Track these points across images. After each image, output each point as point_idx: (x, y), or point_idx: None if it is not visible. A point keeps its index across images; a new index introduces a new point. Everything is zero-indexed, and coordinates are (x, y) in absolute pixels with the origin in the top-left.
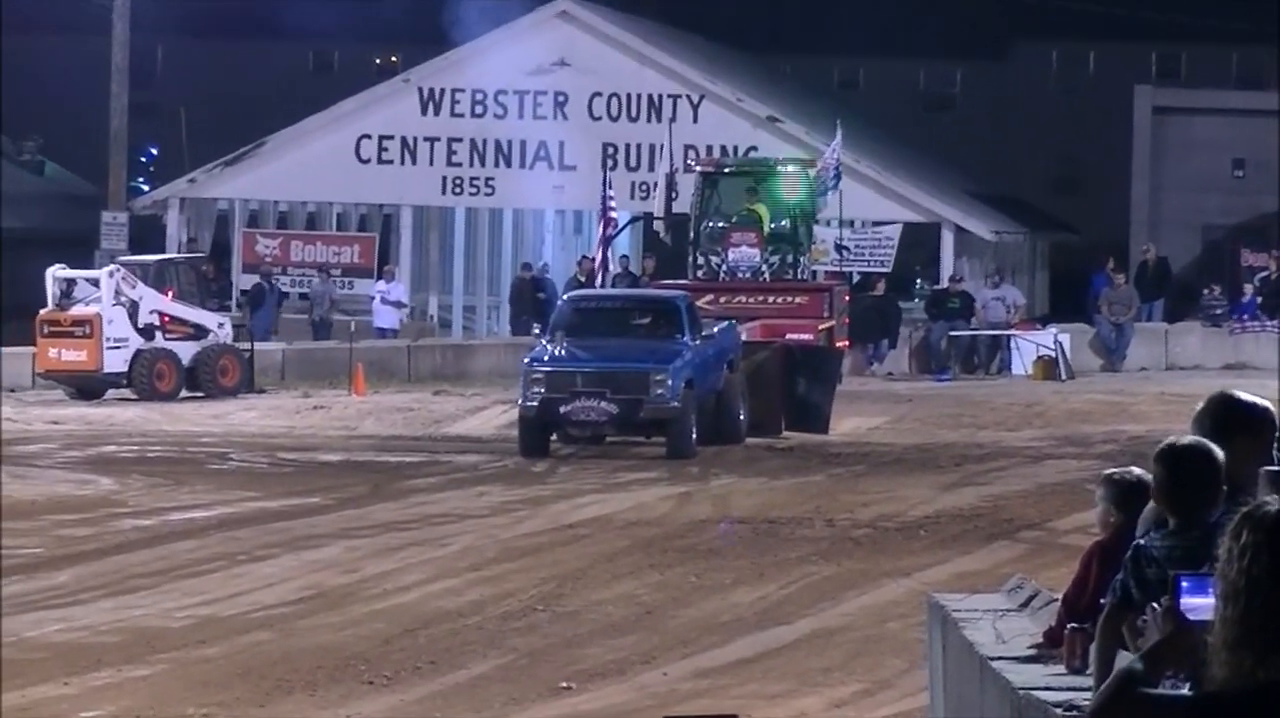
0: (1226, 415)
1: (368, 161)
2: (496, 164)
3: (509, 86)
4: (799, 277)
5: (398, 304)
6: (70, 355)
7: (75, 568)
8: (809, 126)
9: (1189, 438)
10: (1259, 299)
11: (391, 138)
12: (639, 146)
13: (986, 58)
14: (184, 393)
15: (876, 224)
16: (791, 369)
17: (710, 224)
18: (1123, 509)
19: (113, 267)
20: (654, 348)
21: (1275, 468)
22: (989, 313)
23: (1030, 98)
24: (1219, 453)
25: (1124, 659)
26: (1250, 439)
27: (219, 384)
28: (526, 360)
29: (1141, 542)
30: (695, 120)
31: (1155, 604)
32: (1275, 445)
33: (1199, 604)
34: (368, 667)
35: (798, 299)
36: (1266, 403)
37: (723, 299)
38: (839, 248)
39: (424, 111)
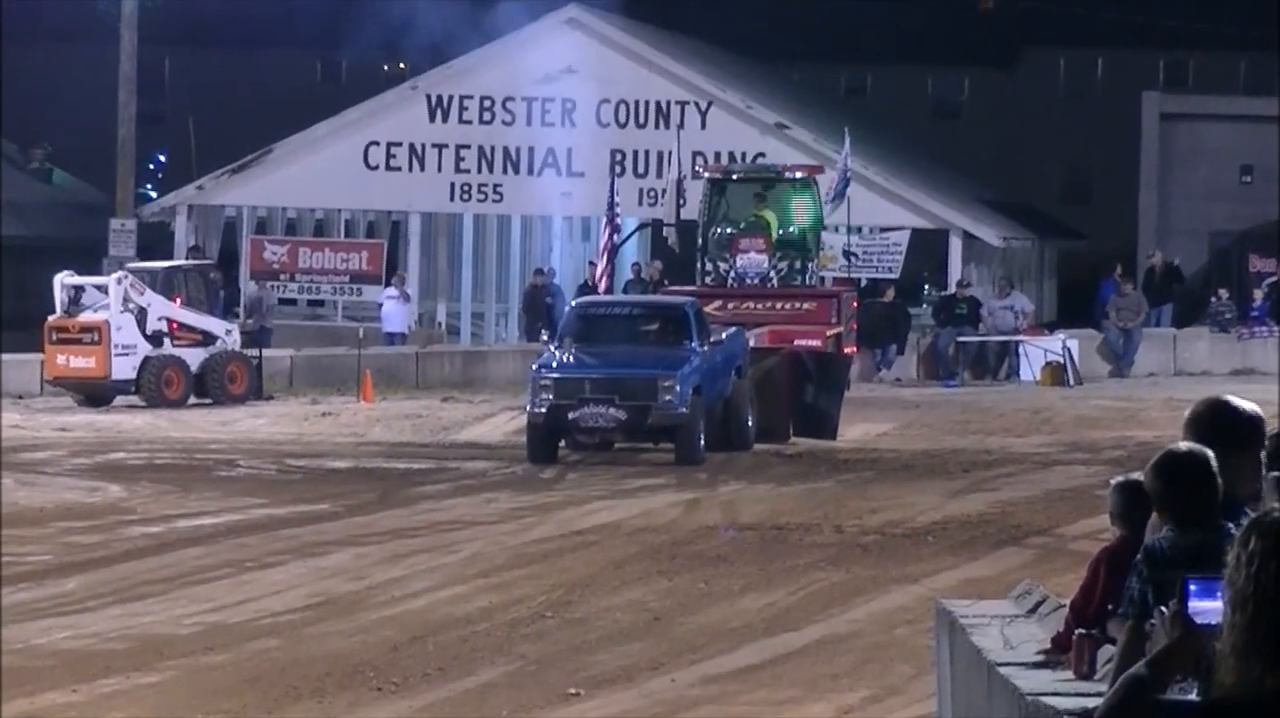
0: (1214, 422)
1: (376, 168)
2: (505, 171)
3: (517, 93)
4: (807, 283)
5: (405, 298)
6: (78, 362)
7: (83, 575)
8: (817, 133)
9: (1185, 445)
10: (1267, 304)
11: (399, 144)
12: (647, 153)
13: (994, 65)
14: (192, 400)
15: (884, 230)
16: (800, 376)
17: (718, 230)
18: (1131, 516)
19: (121, 273)
20: (662, 354)
21: None
22: (997, 321)
23: (1038, 105)
24: (1212, 457)
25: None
26: (1238, 445)
27: (227, 391)
28: (535, 367)
29: (1150, 542)
30: (703, 127)
31: (1163, 608)
32: (1265, 451)
33: (1207, 608)
34: (376, 674)
35: (806, 305)
36: (1255, 409)
37: (731, 305)
38: (847, 254)
39: (432, 118)
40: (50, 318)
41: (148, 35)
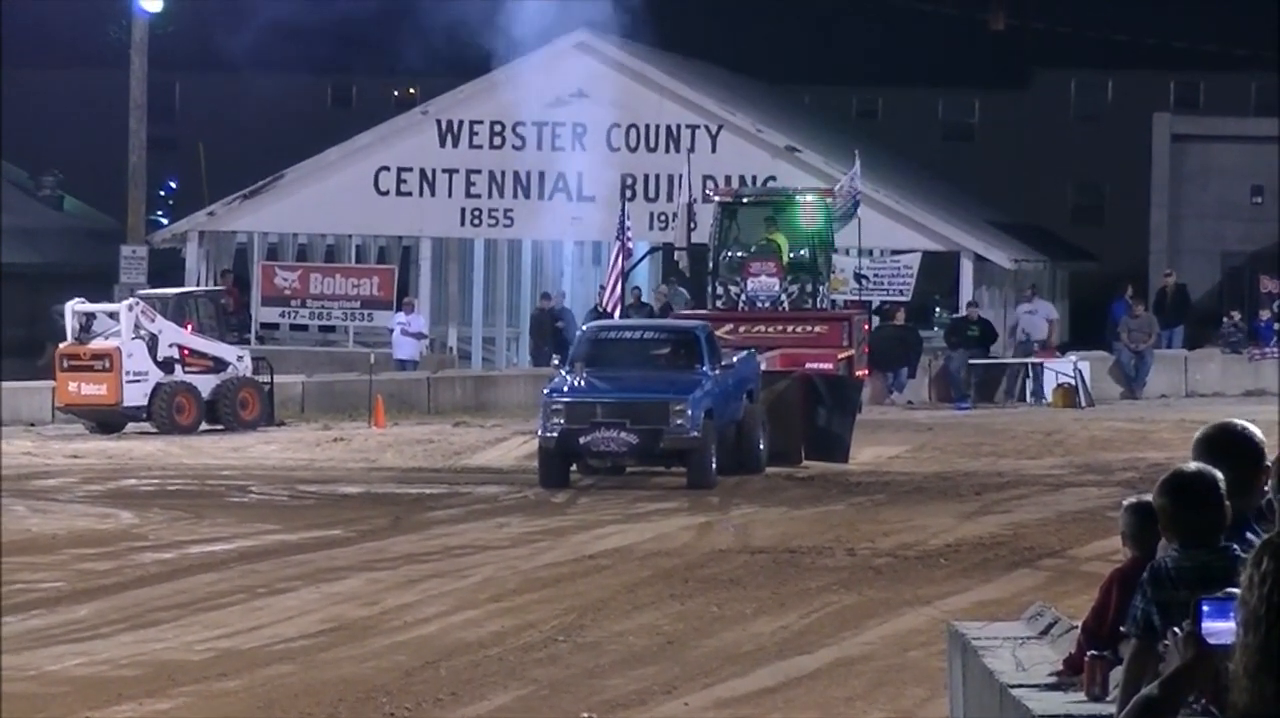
0: (1223, 444)
1: (386, 194)
2: (515, 195)
3: (527, 118)
4: (818, 306)
5: (418, 336)
6: (90, 389)
7: (96, 602)
8: (828, 156)
9: (1193, 465)
10: (1277, 325)
11: (410, 170)
12: (657, 177)
13: (1005, 87)
14: (204, 426)
15: (895, 253)
16: (811, 399)
17: (729, 254)
18: (1143, 537)
19: (132, 300)
20: (674, 378)
21: None
22: (1026, 327)
23: (1049, 127)
24: (1219, 477)
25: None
26: (1246, 468)
27: (239, 417)
28: (546, 391)
29: (1155, 562)
30: (714, 150)
31: (1176, 629)
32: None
33: (1220, 629)
34: (389, 699)
35: (817, 328)
36: (1257, 431)
37: (742, 329)
38: (858, 277)
39: (442, 143)
40: (61, 345)
41: (157, 60)
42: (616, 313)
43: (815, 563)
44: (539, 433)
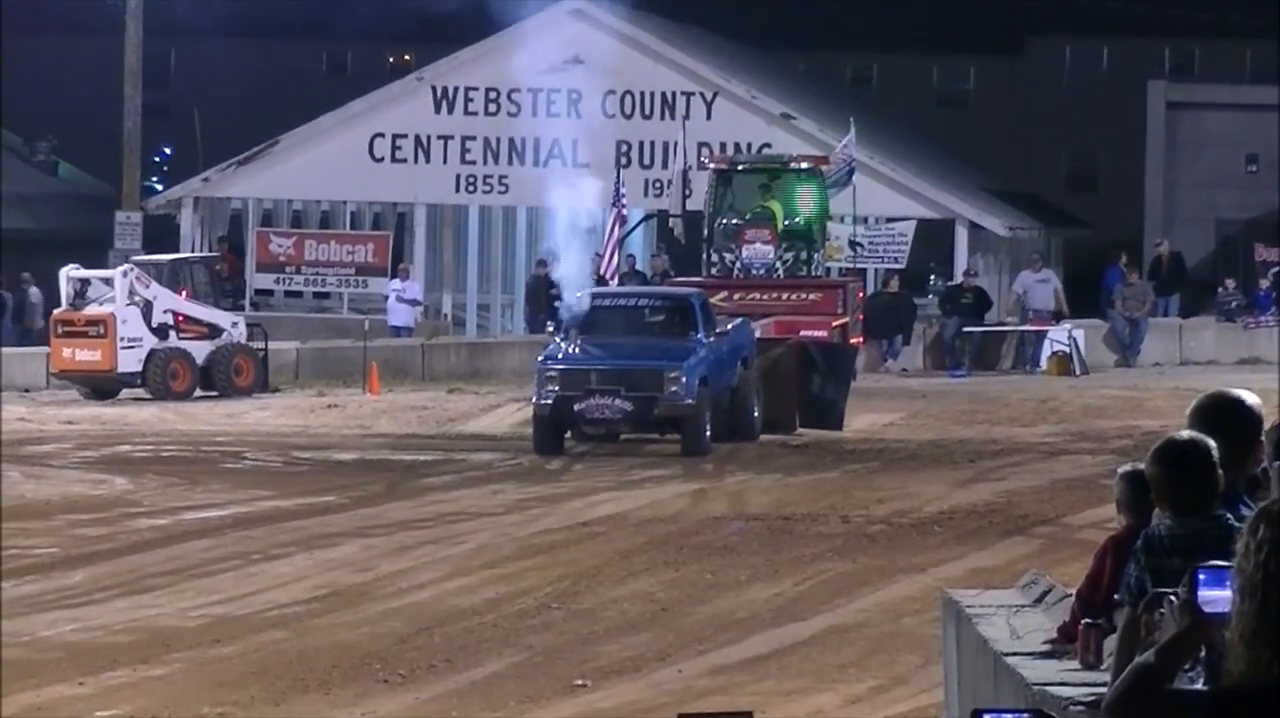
0: (1218, 413)
1: (381, 160)
2: (510, 162)
3: (522, 84)
4: (813, 273)
5: (413, 302)
6: (84, 355)
7: (90, 568)
8: (823, 123)
9: (1187, 433)
10: (1273, 294)
11: (405, 136)
12: (652, 144)
13: (1000, 54)
14: (198, 392)
15: (890, 221)
16: (806, 366)
17: (724, 221)
18: (1137, 505)
19: (126, 266)
20: (668, 346)
21: None
22: (1034, 299)
23: (1044, 94)
24: (1213, 445)
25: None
26: (1240, 437)
27: (233, 384)
28: (541, 359)
29: (1148, 530)
30: (709, 118)
31: (1172, 597)
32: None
33: (1217, 597)
34: (383, 666)
35: (812, 296)
36: (1257, 401)
37: (737, 296)
38: (853, 244)
39: (437, 110)
40: (56, 311)
41: (152, 27)
42: (615, 281)
43: (809, 530)
44: (533, 400)
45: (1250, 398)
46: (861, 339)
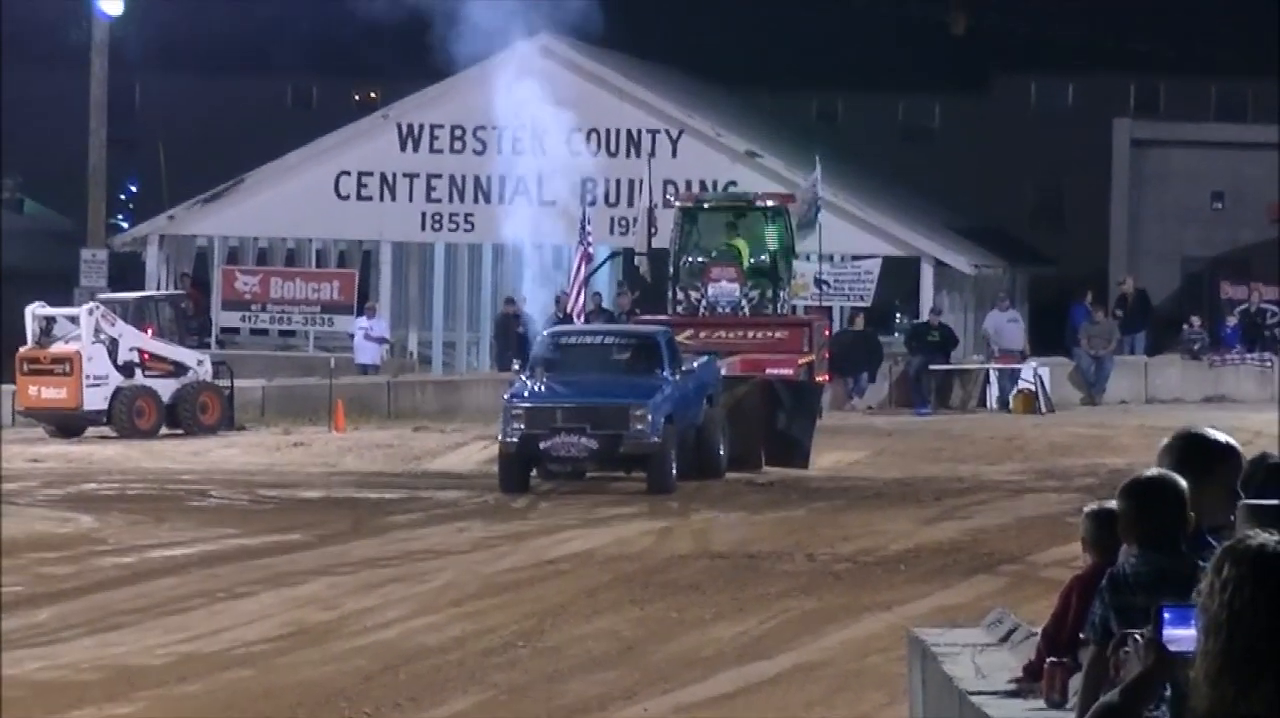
0: (1188, 452)
1: (347, 198)
2: (476, 200)
3: (488, 122)
4: (778, 311)
5: (380, 340)
6: (50, 393)
7: (56, 606)
8: (788, 161)
9: (1155, 470)
10: (1239, 331)
11: (371, 174)
12: (618, 182)
13: (965, 90)
14: (164, 430)
15: (856, 258)
16: (772, 404)
17: (690, 259)
18: (1103, 543)
19: (92, 304)
20: (634, 383)
21: (1257, 502)
22: (1004, 338)
23: (1009, 130)
24: (1182, 483)
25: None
26: (1211, 476)
27: (199, 421)
28: (507, 396)
29: (1114, 567)
30: (674, 155)
31: (1137, 636)
32: (1240, 481)
33: (1182, 636)
34: (349, 704)
35: (777, 334)
36: (1229, 440)
37: (703, 334)
38: (819, 282)
39: (403, 147)
40: (22, 349)
41: (118, 62)
42: (581, 319)
43: (775, 568)
44: (499, 437)
45: (1222, 436)
46: (827, 377)
